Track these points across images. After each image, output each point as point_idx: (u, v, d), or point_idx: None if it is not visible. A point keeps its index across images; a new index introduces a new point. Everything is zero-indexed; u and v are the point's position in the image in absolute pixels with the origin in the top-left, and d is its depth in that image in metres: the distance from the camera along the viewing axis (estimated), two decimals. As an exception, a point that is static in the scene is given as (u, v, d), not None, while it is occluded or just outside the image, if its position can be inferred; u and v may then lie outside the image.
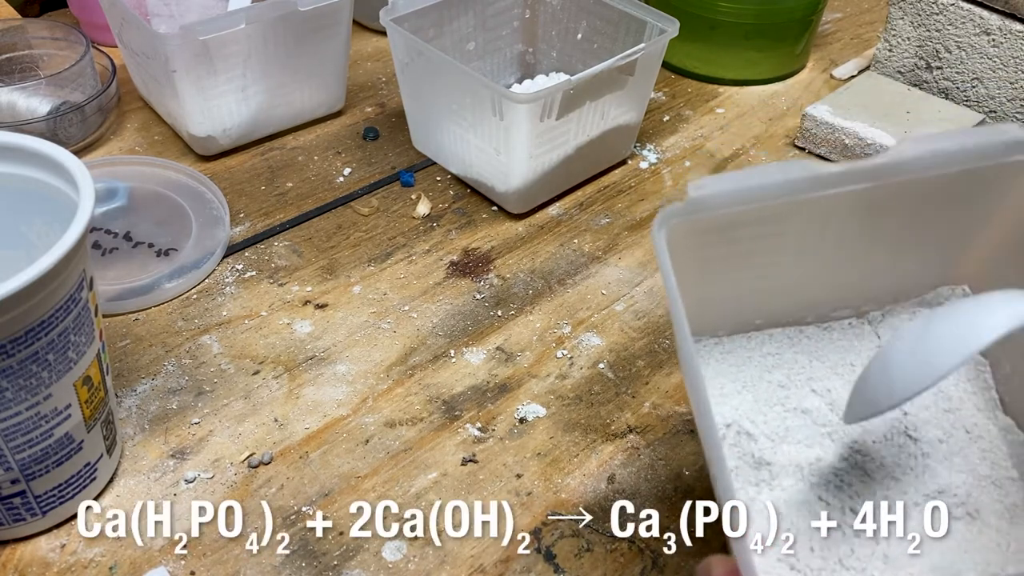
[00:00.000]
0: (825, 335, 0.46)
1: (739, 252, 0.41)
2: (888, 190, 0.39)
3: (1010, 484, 0.40)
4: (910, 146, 0.37)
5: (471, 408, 0.52)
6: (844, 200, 0.39)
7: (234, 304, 0.58)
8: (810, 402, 0.43)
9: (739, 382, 0.44)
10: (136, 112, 0.75)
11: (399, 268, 0.61)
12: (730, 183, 0.37)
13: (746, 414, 0.43)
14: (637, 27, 0.67)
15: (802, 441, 0.41)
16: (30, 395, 0.39)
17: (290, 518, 0.46)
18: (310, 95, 0.72)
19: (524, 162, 0.62)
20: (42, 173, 0.43)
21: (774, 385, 0.44)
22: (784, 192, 0.37)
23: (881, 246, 0.43)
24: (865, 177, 0.38)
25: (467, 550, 0.45)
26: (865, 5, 0.97)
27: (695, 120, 0.77)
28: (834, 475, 0.40)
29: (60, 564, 0.44)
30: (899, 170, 0.38)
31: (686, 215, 0.37)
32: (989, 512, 0.39)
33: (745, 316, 0.46)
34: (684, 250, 0.36)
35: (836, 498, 0.40)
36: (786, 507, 0.39)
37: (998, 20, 0.70)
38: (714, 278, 0.41)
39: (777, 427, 0.42)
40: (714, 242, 0.40)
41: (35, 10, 0.90)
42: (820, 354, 0.45)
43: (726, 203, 0.37)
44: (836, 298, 0.45)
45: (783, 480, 0.40)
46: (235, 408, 0.51)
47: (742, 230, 0.40)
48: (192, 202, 0.64)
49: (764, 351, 0.45)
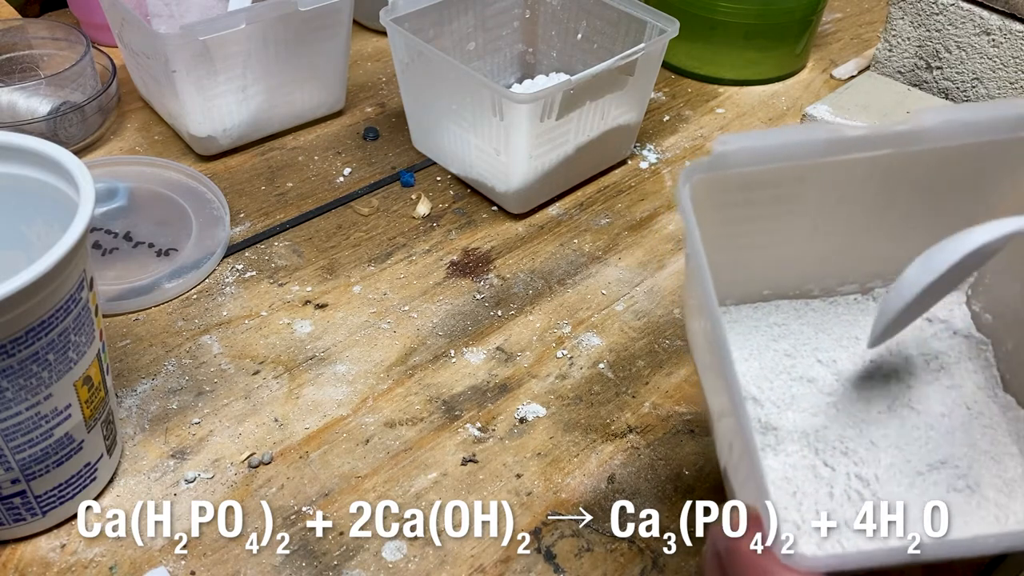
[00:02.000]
0: (831, 309, 0.46)
1: (756, 215, 0.42)
2: (905, 159, 0.39)
3: (1009, 459, 0.40)
4: (930, 115, 0.38)
5: (471, 408, 0.52)
6: (862, 167, 0.39)
7: (234, 304, 0.58)
8: (816, 372, 0.43)
9: (746, 350, 0.44)
10: (136, 112, 0.75)
11: (399, 268, 0.61)
12: (755, 140, 0.37)
13: (752, 380, 0.43)
14: (637, 27, 0.67)
15: (807, 409, 0.42)
16: (30, 395, 0.39)
17: (290, 518, 0.46)
18: (310, 95, 0.72)
19: (524, 162, 0.62)
20: (42, 173, 0.43)
21: (780, 354, 0.44)
22: (807, 153, 0.38)
23: (893, 220, 0.43)
24: (885, 143, 0.38)
25: (467, 550, 0.45)
26: (865, 5, 0.97)
27: (695, 120, 0.77)
28: (839, 441, 0.41)
29: (60, 564, 0.44)
30: (918, 138, 0.38)
31: (710, 170, 0.37)
32: (988, 486, 0.39)
33: (753, 286, 0.46)
34: (703, 211, 0.36)
35: (841, 464, 0.40)
36: (792, 471, 0.40)
37: (998, 20, 0.70)
38: (729, 243, 0.41)
39: (783, 394, 0.43)
40: (733, 202, 0.40)
41: (35, 10, 0.90)
42: (825, 327, 0.45)
43: (750, 160, 0.37)
44: (843, 272, 0.46)
45: (788, 445, 0.41)
46: (235, 408, 0.51)
47: (762, 191, 0.40)
48: (192, 202, 0.64)
49: (770, 321, 0.46)
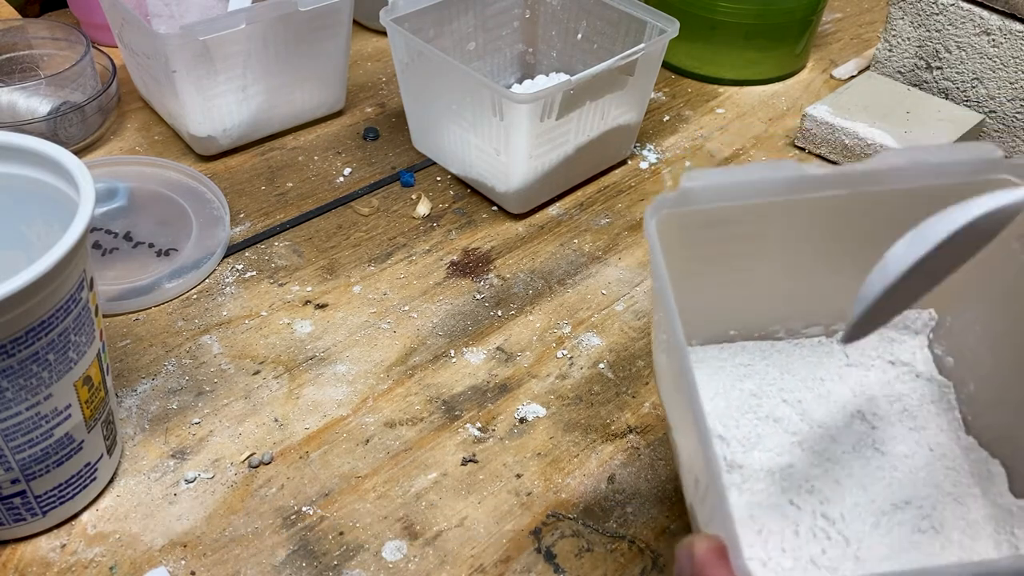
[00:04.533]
0: (796, 350, 0.47)
1: (722, 253, 0.42)
2: (867, 199, 0.40)
3: (972, 501, 0.41)
4: (891, 156, 0.39)
5: (471, 408, 0.52)
6: (825, 207, 0.40)
7: (234, 304, 0.58)
8: (781, 411, 0.44)
9: (711, 389, 0.45)
10: (136, 112, 0.75)
11: (399, 268, 0.61)
12: (722, 177, 0.38)
13: (719, 419, 0.44)
14: (637, 27, 0.67)
15: (773, 448, 0.42)
16: (30, 395, 0.39)
17: (290, 518, 0.46)
18: (310, 95, 0.72)
19: (524, 162, 0.62)
20: (42, 173, 0.43)
21: (746, 393, 0.45)
22: (773, 190, 0.38)
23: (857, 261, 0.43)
24: (848, 183, 0.39)
25: (467, 550, 0.45)
26: (865, 5, 0.97)
27: (695, 120, 0.77)
28: (805, 480, 0.41)
29: (60, 564, 0.44)
30: (880, 178, 0.39)
31: (678, 205, 0.38)
32: (952, 528, 0.39)
33: (719, 327, 0.47)
34: (671, 248, 0.37)
35: (807, 502, 0.40)
36: (758, 509, 0.40)
37: (998, 20, 0.70)
38: (696, 282, 0.41)
39: (749, 433, 0.43)
40: (701, 240, 0.41)
41: (35, 10, 0.90)
42: (791, 368, 0.46)
43: (717, 196, 0.38)
44: (808, 314, 0.46)
45: (754, 484, 0.41)
46: (235, 408, 0.51)
47: (728, 228, 0.40)
48: (192, 202, 0.64)
49: (736, 361, 0.46)
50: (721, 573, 0.29)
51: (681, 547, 0.32)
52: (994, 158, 0.38)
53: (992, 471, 0.41)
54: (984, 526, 0.39)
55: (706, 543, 0.31)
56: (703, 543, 0.31)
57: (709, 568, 0.30)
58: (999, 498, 0.40)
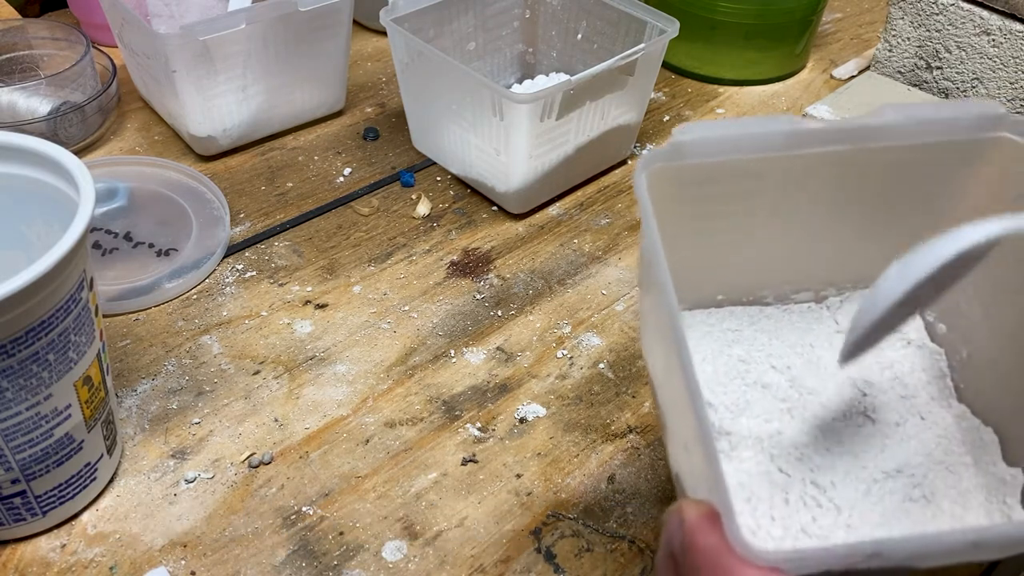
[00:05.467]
0: (785, 316, 0.46)
1: (713, 212, 0.41)
2: (864, 157, 0.39)
3: (964, 469, 0.40)
4: (890, 112, 0.37)
5: (471, 408, 0.52)
6: (820, 164, 0.39)
7: (234, 304, 0.58)
8: (770, 377, 0.43)
9: (699, 354, 0.44)
10: (136, 112, 0.75)
11: (399, 268, 0.61)
12: (714, 130, 0.36)
13: (706, 385, 0.42)
14: (637, 27, 0.67)
15: (761, 415, 0.41)
16: (30, 395, 0.39)
17: (290, 518, 0.46)
18: (310, 95, 0.72)
19: (524, 162, 0.62)
20: (42, 173, 0.43)
21: (734, 359, 0.44)
22: (767, 144, 0.37)
23: (850, 222, 0.43)
24: (845, 138, 0.38)
25: (467, 550, 0.45)
26: (865, 5, 0.97)
27: (695, 120, 0.77)
28: (794, 448, 0.40)
29: (60, 564, 0.44)
30: (878, 134, 0.38)
31: (669, 160, 0.36)
32: (943, 496, 0.39)
33: (708, 291, 0.45)
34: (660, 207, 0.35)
35: (796, 470, 0.39)
36: (747, 476, 0.39)
37: (998, 20, 0.70)
38: (685, 241, 0.40)
39: (737, 399, 0.42)
40: (691, 197, 0.39)
41: (35, 10, 0.90)
42: (780, 334, 0.45)
43: (709, 151, 0.37)
44: (798, 278, 0.45)
45: (742, 451, 0.40)
46: (235, 408, 0.51)
47: (719, 185, 0.39)
48: (192, 202, 0.64)
49: (724, 327, 0.45)
50: (713, 539, 0.29)
51: (670, 513, 0.31)
52: (996, 114, 0.38)
53: (984, 439, 0.41)
54: (976, 494, 0.39)
55: (696, 509, 0.30)
56: (693, 509, 0.30)
57: (700, 534, 0.29)
58: (991, 466, 0.40)
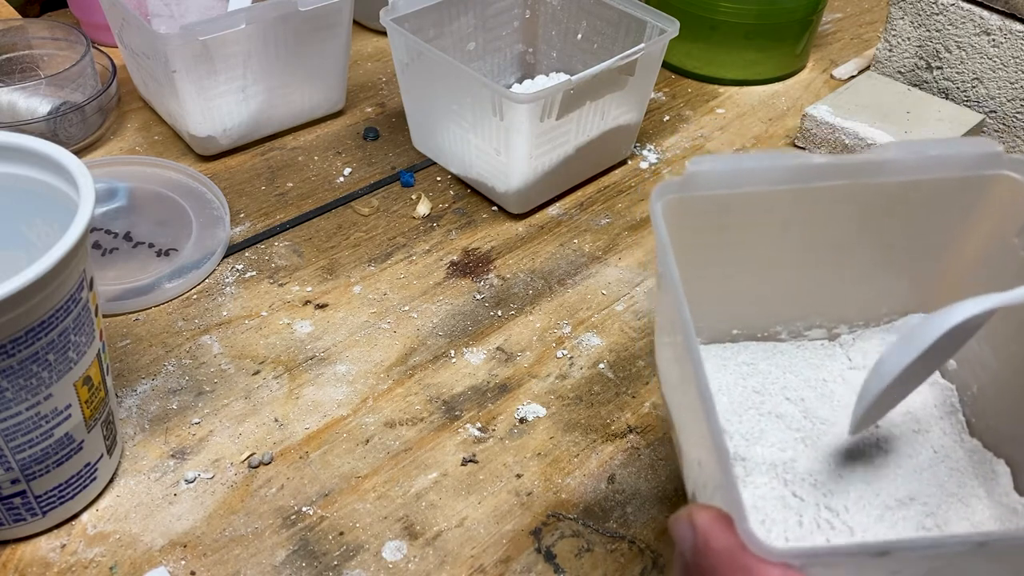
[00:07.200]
0: (798, 352, 0.47)
1: (726, 243, 0.42)
2: (868, 192, 0.40)
3: (976, 502, 0.40)
4: (893, 148, 0.39)
5: (471, 408, 0.52)
6: (828, 199, 0.40)
7: (234, 304, 0.58)
8: (784, 408, 0.44)
9: (714, 385, 0.45)
10: (136, 112, 0.75)
11: (399, 268, 0.61)
12: (727, 163, 0.38)
13: (721, 414, 0.43)
14: (637, 27, 0.67)
15: (776, 444, 0.42)
16: (30, 395, 0.39)
17: (290, 518, 0.46)
18: (310, 95, 0.72)
19: (524, 162, 0.62)
20: (42, 173, 0.43)
21: (749, 390, 0.45)
22: (778, 177, 0.39)
23: (859, 258, 0.44)
24: (852, 172, 0.39)
25: (467, 550, 0.45)
26: (865, 5, 0.97)
27: (695, 120, 0.77)
28: (808, 474, 0.41)
29: (60, 564, 0.44)
30: (881, 169, 0.39)
31: (682, 190, 0.38)
32: (955, 526, 0.39)
33: (723, 325, 0.47)
34: (676, 233, 0.37)
35: (810, 495, 0.40)
36: (762, 500, 0.40)
37: (998, 20, 0.70)
38: (699, 272, 0.41)
39: (752, 428, 0.43)
40: (704, 228, 0.41)
41: (35, 10, 0.91)
42: (794, 368, 0.46)
43: (721, 182, 0.38)
44: (810, 313, 0.47)
45: (757, 477, 0.41)
46: (235, 408, 0.51)
47: (732, 217, 0.41)
48: (192, 202, 0.64)
49: (739, 360, 0.46)
50: (727, 540, 0.29)
51: (678, 519, 0.31)
52: (994, 152, 0.39)
53: (997, 470, 0.41)
54: (988, 525, 0.39)
55: (706, 513, 0.30)
56: (703, 513, 0.30)
57: (714, 536, 0.29)
58: (1003, 497, 0.40)
